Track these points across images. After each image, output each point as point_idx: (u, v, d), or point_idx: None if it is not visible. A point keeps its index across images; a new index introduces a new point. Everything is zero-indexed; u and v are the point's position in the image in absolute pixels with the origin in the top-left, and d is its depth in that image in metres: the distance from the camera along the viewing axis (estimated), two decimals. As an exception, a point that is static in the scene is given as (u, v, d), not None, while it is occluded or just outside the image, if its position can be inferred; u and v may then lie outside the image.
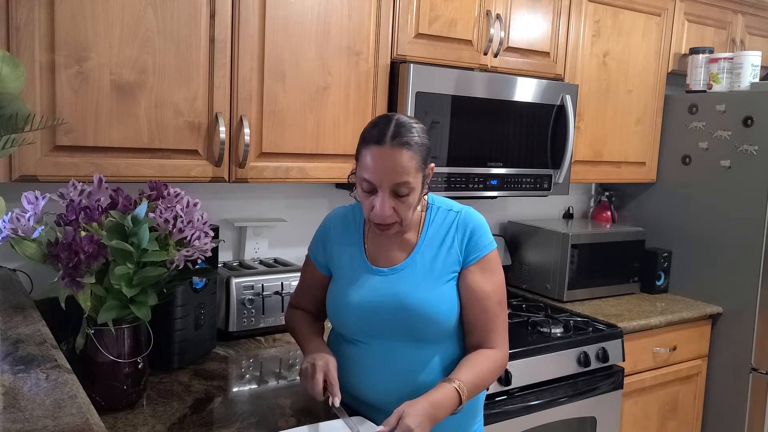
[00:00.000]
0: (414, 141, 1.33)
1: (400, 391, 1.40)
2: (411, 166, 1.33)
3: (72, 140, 1.58)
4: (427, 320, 1.40)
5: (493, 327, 1.43)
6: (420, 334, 1.41)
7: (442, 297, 1.41)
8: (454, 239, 1.44)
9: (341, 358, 1.48)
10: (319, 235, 1.57)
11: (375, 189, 1.34)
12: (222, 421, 1.43)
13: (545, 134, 2.39)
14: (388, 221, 1.36)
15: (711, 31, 2.98)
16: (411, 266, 1.44)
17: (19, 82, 1.00)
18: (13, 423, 0.89)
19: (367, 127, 1.38)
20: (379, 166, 1.32)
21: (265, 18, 1.81)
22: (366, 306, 1.43)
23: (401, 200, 1.35)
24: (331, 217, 1.57)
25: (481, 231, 1.45)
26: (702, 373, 2.76)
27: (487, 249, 1.44)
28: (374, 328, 1.43)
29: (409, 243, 1.46)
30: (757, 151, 2.59)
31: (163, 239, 1.37)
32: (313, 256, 1.58)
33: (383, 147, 1.31)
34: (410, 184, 1.34)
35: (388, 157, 1.31)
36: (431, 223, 1.47)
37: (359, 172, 1.37)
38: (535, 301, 2.62)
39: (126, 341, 1.41)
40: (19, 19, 1.48)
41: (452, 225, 1.45)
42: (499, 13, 2.26)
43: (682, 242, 2.86)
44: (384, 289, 1.42)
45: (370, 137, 1.34)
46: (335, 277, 1.52)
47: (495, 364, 1.42)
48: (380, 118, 1.38)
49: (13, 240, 1.30)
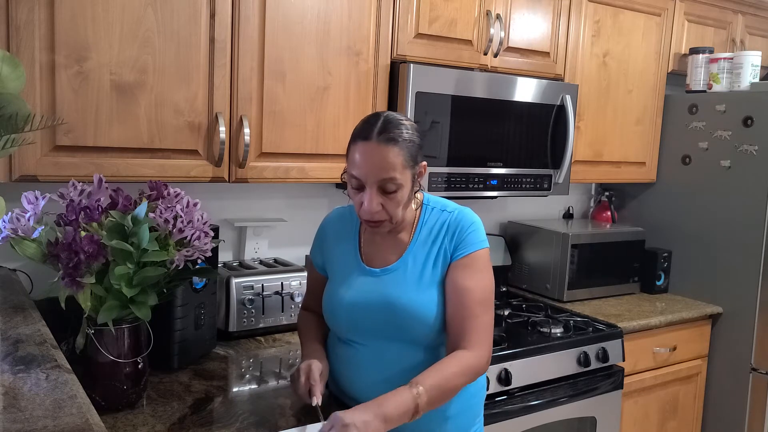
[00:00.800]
0: (401, 137, 1.32)
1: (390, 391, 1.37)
2: (397, 162, 1.32)
3: (72, 140, 1.58)
4: (416, 322, 1.39)
5: (470, 326, 1.36)
6: (410, 335, 1.41)
7: (432, 299, 1.40)
8: (444, 239, 1.43)
9: (336, 359, 1.49)
10: (317, 238, 1.59)
11: (363, 185, 1.34)
12: (222, 421, 1.43)
13: (545, 134, 2.39)
14: (376, 218, 1.36)
15: (711, 31, 2.98)
16: (402, 268, 1.43)
17: (19, 82, 1.00)
18: (13, 423, 0.89)
19: (357, 125, 1.39)
20: (365, 162, 1.32)
21: (265, 18, 1.81)
22: (356, 306, 1.43)
23: (389, 197, 1.34)
24: (328, 219, 1.59)
25: (471, 229, 1.42)
26: (702, 373, 2.76)
27: (474, 247, 1.41)
28: (366, 329, 1.43)
29: (402, 243, 1.45)
30: (757, 151, 2.58)
31: (163, 239, 1.37)
32: (312, 258, 1.60)
33: (369, 142, 1.32)
34: (397, 180, 1.33)
35: (374, 152, 1.31)
36: (424, 223, 1.46)
37: (348, 169, 1.37)
38: (535, 301, 2.62)
39: (126, 341, 1.40)
40: (19, 19, 1.48)
41: (444, 224, 1.44)
42: (499, 13, 2.26)
43: (682, 242, 2.86)
44: (374, 290, 1.42)
45: (358, 133, 1.35)
46: (330, 277, 1.53)
47: (465, 367, 1.34)
48: (371, 116, 1.38)
49: (13, 240, 1.30)
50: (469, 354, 1.36)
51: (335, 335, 1.53)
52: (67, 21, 1.54)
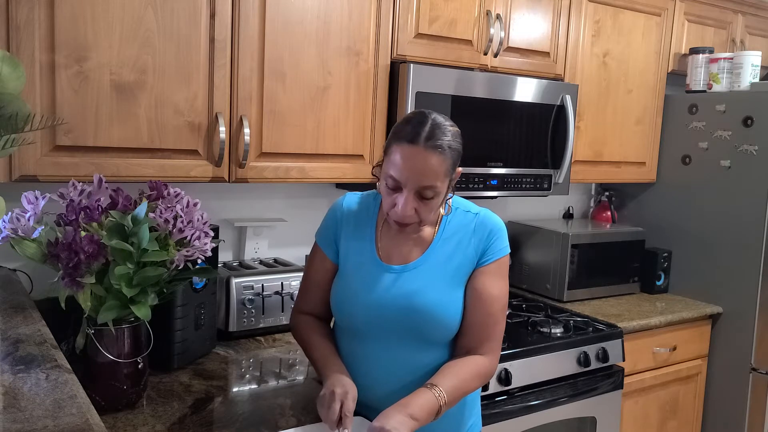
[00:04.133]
0: (447, 145, 1.30)
1: (398, 390, 1.36)
2: (440, 170, 1.30)
3: (72, 140, 1.58)
4: (435, 322, 1.37)
5: (491, 333, 1.39)
6: (425, 335, 1.39)
7: (452, 299, 1.39)
8: (471, 240, 1.41)
9: (343, 354, 1.45)
10: (329, 222, 1.50)
11: (400, 187, 1.31)
12: (222, 421, 1.43)
13: (545, 134, 2.39)
14: (408, 221, 1.34)
15: (711, 31, 2.98)
16: (425, 264, 1.40)
17: (19, 82, 1.00)
18: (13, 423, 0.89)
19: (400, 123, 1.35)
20: (408, 166, 1.28)
21: (265, 18, 1.81)
22: (375, 305, 1.39)
23: (424, 202, 1.32)
24: (343, 205, 1.50)
25: (500, 234, 1.42)
26: (702, 373, 2.76)
27: (502, 252, 1.42)
28: (378, 326, 1.40)
29: (425, 240, 1.42)
30: (757, 151, 2.59)
31: (163, 239, 1.37)
32: (323, 244, 1.50)
33: (415, 147, 1.28)
34: (437, 188, 1.31)
35: (419, 158, 1.28)
36: (449, 222, 1.43)
37: (386, 168, 1.33)
38: (535, 301, 2.61)
39: (126, 341, 1.40)
40: (19, 19, 1.48)
41: (470, 226, 1.42)
42: (499, 13, 2.26)
43: (682, 242, 2.86)
44: (394, 288, 1.39)
45: (404, 134, 1.30)
46: (342, 271, 1.47)
47: (480, 373, 1.38)
48: (416, 115, 1.34)
49: (13, 240, 1.30)
50: (485, 361, 1.39)
51: (343, 328, 1.48)
52: (67, 21, 1.54)
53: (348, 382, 1.33)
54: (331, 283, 1.49)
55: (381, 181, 1.36)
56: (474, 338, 1.39)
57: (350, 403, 1.28)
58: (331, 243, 1.49)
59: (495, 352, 1.41)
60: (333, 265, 1.49)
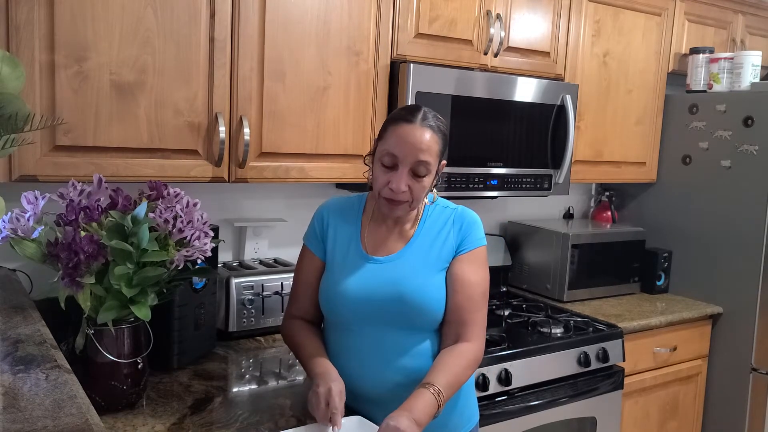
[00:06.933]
0: (438, 127, 1.42)
1: (391, 378, 1.43)
2: (434, 148, 1.40)
3: (72, 140, 1.58)
4: (420, 307, 1.43)
5: (473, 319, 1.45)
6: (412, 321, 1.44)
7: (436, 285, 1.45)
8: (449, 232, 1.49)
9: (332, 346, 1.51)
10: (316, 223, 1.57)
11: (396, 164, 1.39)
12: (222, 421, 1.43)
13: (545, 134, 2.39)
14: (401, 198, 1.40)
15: (711, 31, 2.98)
16: (407, 254, 1.48)
17: (19, 82, 1.00)
18: (12, 423, 0.88)
19: (395, 111, 1.47)
20: (405, 142, 1.38)
21: (265, 18, 1.80)
22: (362, 294, 1.44)
23: (417, 180, 1.40)
24: (329, 204, 1.58)
25: (475, 226, 1.51)
26: (702, 373, 2.76)
27: (478, 243, 1.50)
28: (367, 316, 1.45)
29: (407, 234, 1.51)
30: (757, 151, 2.58)
31: (163, 239, 1.37)
32: (311, 243, 1.55)
33: (413, 125, 1.39)
34: (429, 165, 1.40)
35: (416, 133, 1.38)
36: (428, 217, 1.52)
37: (383, 147, 1.41)
38: (535, 301, 2.61)
39: (126, 341, 1.40)
40: (19, 19, 1.48)
41: (448, 219, 1.51)
42: (499, 12, 2.26)
43: (682, 242, 2.85)
44: (380, 277, 1.45)
45: (400, 116, 1.42)
46: (330, 267, 1.52)
47: (470, 360, 1.44)
48: (410, 106, 1.49)
49: (13, 240, 1.30)
50: (471, 347, 1.44)
51: (333, 323, 1.52)
52: (66, 21, 1.54)
53: (332, 377, 1.37)
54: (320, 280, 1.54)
55: (375, 164, 1.44)
56: (458, 324, 1.45)
57: (335, 399, 1.32)
58: (319, 242, 1.55)
59: (480, 337, 1.47)
60: (321, 262, 1.54)
